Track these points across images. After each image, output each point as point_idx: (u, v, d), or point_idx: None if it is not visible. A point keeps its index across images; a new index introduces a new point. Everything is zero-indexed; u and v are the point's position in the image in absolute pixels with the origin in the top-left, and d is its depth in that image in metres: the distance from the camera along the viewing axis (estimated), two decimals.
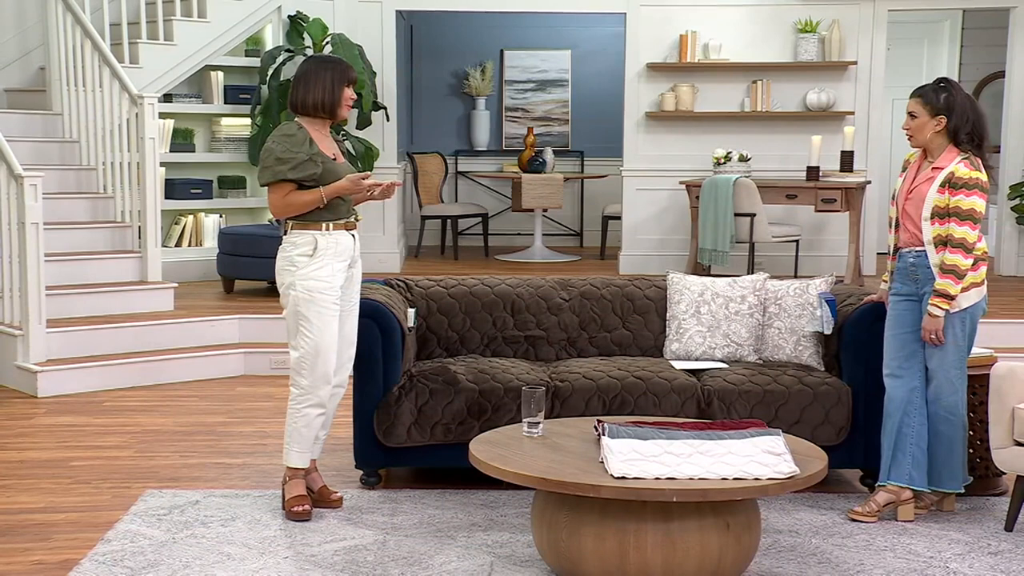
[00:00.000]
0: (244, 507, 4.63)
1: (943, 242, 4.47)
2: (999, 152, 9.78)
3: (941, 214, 4.47)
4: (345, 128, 9.14)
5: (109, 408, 6.33)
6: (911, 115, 4.56)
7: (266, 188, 4.57)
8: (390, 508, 4.66)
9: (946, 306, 4.45)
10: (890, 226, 4.74)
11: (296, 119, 4.60)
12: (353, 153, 8.94)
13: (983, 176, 4.47)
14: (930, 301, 4.47)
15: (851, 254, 8.87)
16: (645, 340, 5.38)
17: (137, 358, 6.94)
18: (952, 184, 4.45)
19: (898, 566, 4.09)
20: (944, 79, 4.60)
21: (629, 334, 5.39)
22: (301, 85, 4.56)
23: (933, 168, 4.53)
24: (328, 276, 4.51)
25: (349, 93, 4.59)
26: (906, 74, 11.00)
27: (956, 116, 4.49)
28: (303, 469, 4.64)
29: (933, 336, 4.48)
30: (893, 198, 4.72)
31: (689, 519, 3.67)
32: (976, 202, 4.43)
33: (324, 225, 4.53)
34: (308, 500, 4.58)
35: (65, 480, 5.03)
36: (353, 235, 4.63)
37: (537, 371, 5.05)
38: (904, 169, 4.72)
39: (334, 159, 4.59)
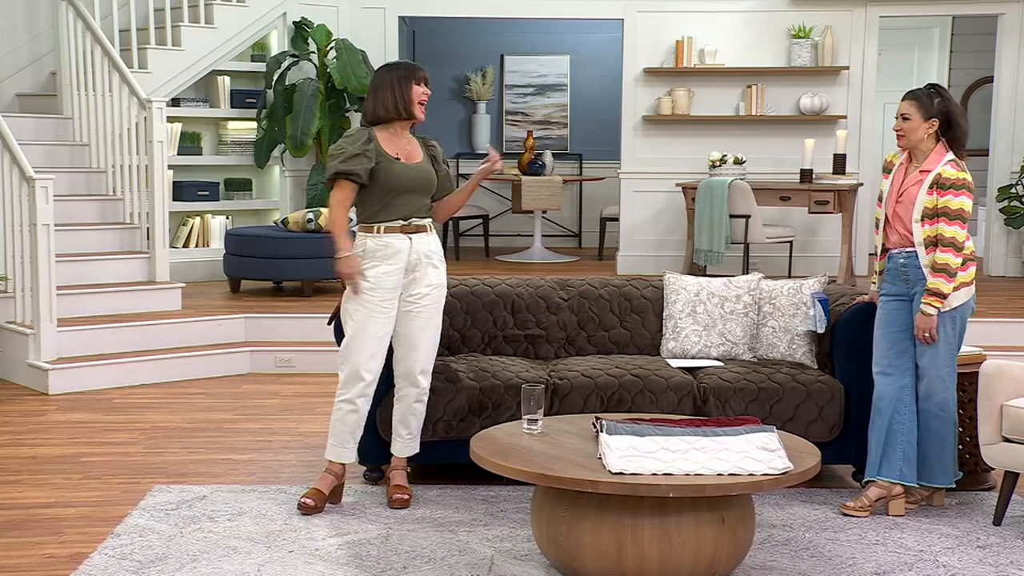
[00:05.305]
0: (250, 502, 4.65)
1: (933, 242, 4.51)
2: (987, 155, 9.82)
3: (931, 215, 4.51)
4: None
5: (118, 405, 6.35)
6: (904, 117, 4.59)
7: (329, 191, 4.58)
8: None
9: (939, 304, 4.48)
10: (876, 227, 4.77)
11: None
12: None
13: (969, 177, 4.52)
14: (923, 300, 4.50)
15: (843, 255, 8.91)
16: (642, 339, 5.40)
17: (146, 356, 6.97)
18: (940, 185, 4.49)
19: (889, 559, 4.12)
20: (934, 85, 4.66)
21: (627, 333, 5.41)
22: (371, 96, 4.58)
23: (921, 171, 4.57)
24: (374, 277, 4.52)
25: (420, 90, 4.57)
26: (897, 79, 11.09)
27: (948, 121, 4.55)
28: (336, 464, 4.62)
29: (927, 334, 4.52)
30: (880, 199, 4.75)
31: (685, 514, 3.69)
32: (964, 202, 4.48)
33: (376, 227, 4.54)
34: (319, 496, 4.56)
35: (75, 476, 5.05)
36: (411, 238, 4.58)
37: (536, 369, 5.07)
38: (886, 170, 4.76)
39: (397, 158, 4.55)
